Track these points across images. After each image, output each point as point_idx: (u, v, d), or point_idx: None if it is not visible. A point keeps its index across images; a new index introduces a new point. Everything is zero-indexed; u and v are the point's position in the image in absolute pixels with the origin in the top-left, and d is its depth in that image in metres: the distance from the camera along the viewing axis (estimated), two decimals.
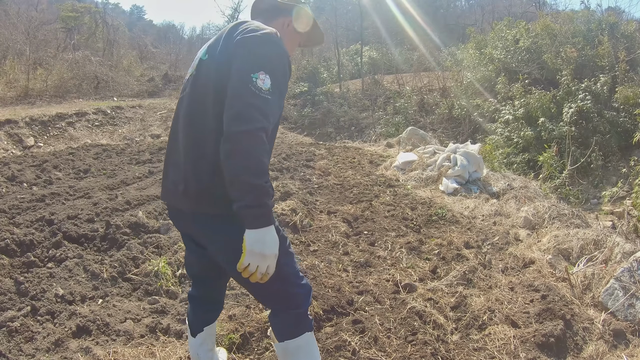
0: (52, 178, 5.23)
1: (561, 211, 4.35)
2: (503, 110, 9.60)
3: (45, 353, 2.08)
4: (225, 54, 1.35)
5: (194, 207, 1.42)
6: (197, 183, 1.39)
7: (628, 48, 9.20)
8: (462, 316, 2.50)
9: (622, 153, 8.19)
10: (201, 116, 1.40)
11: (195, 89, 1.44)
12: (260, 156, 1.22)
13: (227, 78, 1.30)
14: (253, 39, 1.32)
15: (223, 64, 1.34)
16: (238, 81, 1.26)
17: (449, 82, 12.26)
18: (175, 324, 2.41)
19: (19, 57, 11.31)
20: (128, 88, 13.51)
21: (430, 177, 5.78)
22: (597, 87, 8.71)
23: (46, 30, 14.63)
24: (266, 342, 2.19)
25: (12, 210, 3.76)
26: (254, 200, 1.21)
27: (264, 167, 1.24)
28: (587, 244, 3.38)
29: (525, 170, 7.91)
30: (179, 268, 3.03)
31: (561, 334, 2.24)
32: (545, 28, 10.40)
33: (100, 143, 8.21)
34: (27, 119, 8.00)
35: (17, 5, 17.09)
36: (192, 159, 1.41)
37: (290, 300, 1.47)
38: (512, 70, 10.55)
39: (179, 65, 18.65)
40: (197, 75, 1.46)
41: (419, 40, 16.25)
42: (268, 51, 1.31)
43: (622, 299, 2.52)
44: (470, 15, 28.12)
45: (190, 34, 39.37)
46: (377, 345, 2.17)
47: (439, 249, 3.46)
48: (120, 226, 3.43)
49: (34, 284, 2.59)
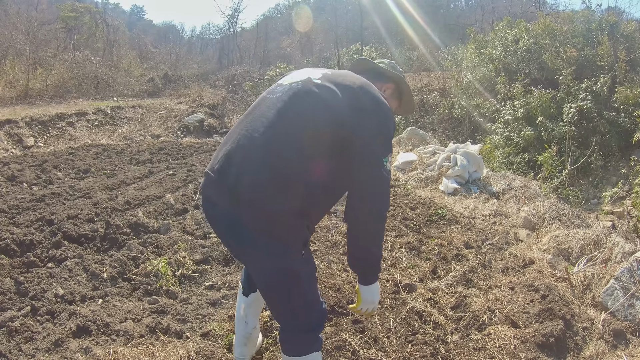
0: (52, 178, 5.23)
1: (561, 211, 4.35)
2: (503, 110, 9.60)
3: (45, 353, 2.08)
4: (345, 103, 1.38)
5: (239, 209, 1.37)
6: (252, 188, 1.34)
7: (628, 48, 9.21)
8: (462, 316, 2.50)
9: (622, 153, 8.20)
10: (291, 138, 1.36)
11: (295, 105, 1.39)
12: (383, 231, 1.51)
13: (337, 124, 1.35)
14: (383, 112, 1.42)
15: (337, 110, 1.37)
16: (372, 165, 1.37)
17: (449, 82, 12.26)
18: (175, 324, 2.41)
19: (19, 57, 11.32)
20: (128, 88, 13.52)
21: (430, 177, 5.78)
22: (597, 87, 8.70)
23: (46, 30, 14.63)
24: (266, 342, 2.19)
25: (12, 210, 3.76)
26: (376, 265, 1.53)
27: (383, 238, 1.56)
28: (587, 244, 3.38)
29: (525, 170, 7.91)
30: (179, 268, 3.03)
31: (561, 334, 2.24)
32: (545, 28, 10.41)
33: (100, 143, 8.21)
34: (27, 119, 8.00)
35: (17, 5, 17.09)
36: (257, 166, 1.34)
37: (308, 321, 1.49)
38: (512, 70, 10.55)
39: (179, 65, 18.65)
40: (301, 91, 1.41)
41: (419, 40, 16.26)
42: (391, 129, 1.45)
43: (622, 299, 2.52)
44: (470, 15, 28.12)
45: (190, 34, 39.44)
46: (377, 345, 2.17)
47: (439, 249, 3.46)
48: (120, 226, 3.43)
49: (34, 284, 2.59)
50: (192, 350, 2.09)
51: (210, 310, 2.57)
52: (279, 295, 1.44)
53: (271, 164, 1.33)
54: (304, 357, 1.49)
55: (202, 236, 3.60)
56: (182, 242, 3.39)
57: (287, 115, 1.37)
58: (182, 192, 4.58)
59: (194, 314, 2.50)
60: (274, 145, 1.34)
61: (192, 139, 9.84)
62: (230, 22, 25.44)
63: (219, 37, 32.23)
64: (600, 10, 15.16)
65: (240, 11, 19.94)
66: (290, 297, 1.42)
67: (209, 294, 2.79)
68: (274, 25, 30.58)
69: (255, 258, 1.42)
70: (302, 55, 18.28)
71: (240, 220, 1.37)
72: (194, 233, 3.64)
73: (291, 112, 1.38)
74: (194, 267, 3.09)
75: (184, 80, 15.11)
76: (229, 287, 2.83)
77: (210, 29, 41.92)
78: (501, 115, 9.54)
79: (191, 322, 2.43)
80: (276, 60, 20.12)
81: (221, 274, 3.07)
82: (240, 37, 26.59)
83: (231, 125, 11.37)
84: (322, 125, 1.35)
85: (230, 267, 3.19)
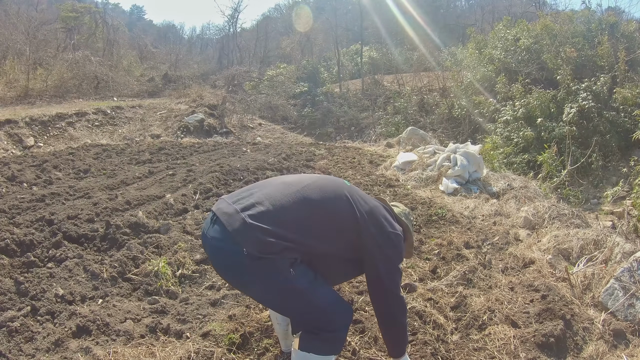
0: (52, 178, 5.23)
1: (561, 211, 4.35)
2: (503, 110, 9.60)
3: (45, 353, 2.08)
4: (371, 228, 1.67)
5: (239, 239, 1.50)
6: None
7: (628, 48, 9.20)
8: (462, 316, 2.50)
9: (622, 153, 8.19)
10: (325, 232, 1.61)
11: (326, 200, 1.62)
12: (406, 316, 1.86)
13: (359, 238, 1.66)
14: (397, 246, 1.76)
15: (364, 232, 1.66)
16: (389, 274, 1.71)
17: (448, 82, 12.26)
18: (175, 324, 2.41)
19: (19, 57, 11.31)
20: (128, 88, 13.51)
21: (430, 177, 5.78)
22: (598, 87, 8.70)
23: (46, 30, 14.63)
24: (266, 342, 2.19)
25: (12, 210, 3.76)
26: (405, 345, 1.87)
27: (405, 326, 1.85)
28: (587, 244, 3.38)
29: (525, 170, 7.90)
30: (179, 268, 3.03)
31: (561, 334, 2.24)
32: (545, 28, 10.40)
33: (100, 143, 8.21)
34: (27, 119, 8.00)
35: (17, 5, 17.10)
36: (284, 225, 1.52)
37: (329, 323, 1.56)
38: (512, 70, 10.55)
39: (179, 65, 18.64)
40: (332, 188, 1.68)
41: (419, 40, 16.25)
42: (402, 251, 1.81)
43: (622, 299, 2.52)
44: (470, 15, 28.10)
45: (190, 34, 39.39)
46: (377, 345, 2.17)
47: (439, 249, 3.46)
48: (120, 226, 3.43)
49: (34, 284, 2.59)
50: (192, 350, 2.09)
51: (210, 310, 2.57)
52: (292, 310, 1.63)
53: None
54: (321, 357, 1.54)
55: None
56: (182, 242, 3.39)
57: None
58: (182, 192, 4.58)
59: (194, 314, 2.50)
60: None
61: (192, 139, 9.84)
62: (230, 22, 25.45)
63: (219, 37, 32.23)
64: (600, 10, 15.16)
65: (240, 11, 19.95)
66: (301, 309, 1.57)
67: (209, 294, 2.79)
68: (274, 25, 30.55)
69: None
70: (302, 55, 18.26)
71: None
72: (194, 233, 3.64)
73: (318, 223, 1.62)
74: (194, 267, 3.09)
75: (184, 80, 15.11)
76: (229, 287, 2.83)
77: (210, 29, 41.88)
78: (501, 115, 9.53)
79: (191, 322, 2.43)
80: (276, 60, 20.12)
81: None
82: (240, 37, 26.58)
83: (231, 126, 11.39)
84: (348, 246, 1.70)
85: None
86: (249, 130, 11.70)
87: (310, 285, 1.55)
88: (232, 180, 5.34)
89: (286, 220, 1.50)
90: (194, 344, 2.16)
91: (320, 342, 1.55)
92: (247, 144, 9.23)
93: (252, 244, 1.44)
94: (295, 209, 1.53)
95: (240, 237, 1.44)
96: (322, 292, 1.58)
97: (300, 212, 1.54)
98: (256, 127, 12.10)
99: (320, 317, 1.55)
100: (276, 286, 1.51)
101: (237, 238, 1.44)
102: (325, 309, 1.55)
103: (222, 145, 8.70)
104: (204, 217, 3.96)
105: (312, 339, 1.55)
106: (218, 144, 8.98)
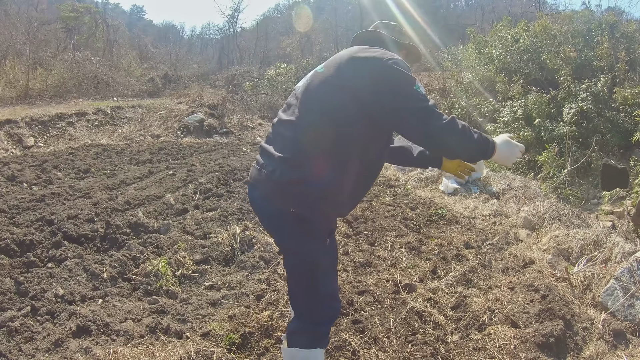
0: (52, 178, 5.23)
1: (561, 211, 4.35)
2: (503, 111, 9.60)
3: (45, 353, 2.08)
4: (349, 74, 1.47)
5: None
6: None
7: (628, 48, 9.20)
8: (462, 316, 2.50)
9: (622, 153, 8.19)
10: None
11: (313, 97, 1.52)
12: (466, 133, 1.43)
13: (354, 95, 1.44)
14: (379, 59, 1.47)
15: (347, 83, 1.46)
16: (406, 96, 1.39)
17: (448, 82, 12.26)
18: (175, 324, 2.41)
19: (19, 57, 11.31)
20: (128, 88, 13.51)
21: (430, 177, 5.78)
22: (598, 87, 8.70)
23: (46, 30, 14.62)
24: (266, 342, 2.19)
25: (12, 210, 3.76)
26: (488, 142, 1.50)
27: (471, 135, 1.44)
28: (587, 244, 3.37)
29: (525, 170, 7.91)
30: (179, 268, 3.03)
31: (561, 334, 2.23)
32: (544, 29, 10.41)
33: (100, 143, 8.21)
34: (27, 119, 8.00)
35: (17, 5, 17.11)
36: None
37: (316, 314, 1.55)
38: (512, 71, 10.55)
39: (179, 65, 18.65)
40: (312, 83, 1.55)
41: (418, 40, 16.22)
42: (397, 62, 1.45)
43: (622, 299, 2.52)
44: (470, 15, 28.13)
45: (190, 34, 39.44)
46: (377, 345, 2.17)
47: (439, 249, 3.46)
48: (120, 226, 3.43)
49: (34, 284, 2.59)
50: (192, 350, 2.09)
51: (210, 310, 2.57)
52: (298, 282, 1.57)
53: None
54: (307, 350, 1.53)
55: (202, 236, 3.59)
56: (182, 242, 3.39)
57: (311, 109, 1.50)
58: (182, 192, 4.58)
59: (194, 314, 2.50)
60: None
61: (192, 139, 9.84)
62: (230, 22, 25.48)
63: (219, 37, 32.27)
64: (600, 11, 15.17)
65: (240, 11, 20.00)
66: (307, 286, 1.54)
67: (209, 294, 2.79)
68: (274, 25, 30.57)
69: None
70: (302, 55, 18.28)
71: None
72: (194, 233, 3.64)
73: (315, 105, 1.49)
74: (194, 267, 3.08)
75: (184, 80, 15.11)
76: (229, 287, 2.83)
77: (210, 29, 41.95)
78: (501, 115, 9.54)
79: (191, 322, 2.42)
80: (276, 60, 20.12)
81: (221, 274, 3.06)
82: (240, 37, 26.61)
83: (231, 126, 11.38)
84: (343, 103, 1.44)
85: (230, 267, 3.19)
86: (249, 130, 11.70)
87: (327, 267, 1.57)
88: (232, 180, 5.33)
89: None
90: (194, 344, 2.16)
91: (305, 337, 1.55)
92: (247, 144, 9.23)
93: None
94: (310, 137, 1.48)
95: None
96: (331, 278, 1.60)
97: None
98: (256, 127, 12.10)
99: (315, 304, 1.56)
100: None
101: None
102: (323, 298, 1.56)
103: (222, 145, 8.70)
104: (204, 217, 3.96)
105: (297, 335, 1.56)
106: (218, 144, 8.98)
